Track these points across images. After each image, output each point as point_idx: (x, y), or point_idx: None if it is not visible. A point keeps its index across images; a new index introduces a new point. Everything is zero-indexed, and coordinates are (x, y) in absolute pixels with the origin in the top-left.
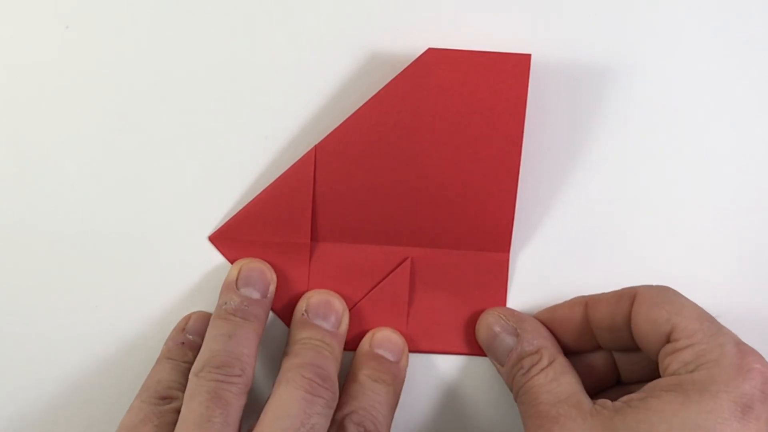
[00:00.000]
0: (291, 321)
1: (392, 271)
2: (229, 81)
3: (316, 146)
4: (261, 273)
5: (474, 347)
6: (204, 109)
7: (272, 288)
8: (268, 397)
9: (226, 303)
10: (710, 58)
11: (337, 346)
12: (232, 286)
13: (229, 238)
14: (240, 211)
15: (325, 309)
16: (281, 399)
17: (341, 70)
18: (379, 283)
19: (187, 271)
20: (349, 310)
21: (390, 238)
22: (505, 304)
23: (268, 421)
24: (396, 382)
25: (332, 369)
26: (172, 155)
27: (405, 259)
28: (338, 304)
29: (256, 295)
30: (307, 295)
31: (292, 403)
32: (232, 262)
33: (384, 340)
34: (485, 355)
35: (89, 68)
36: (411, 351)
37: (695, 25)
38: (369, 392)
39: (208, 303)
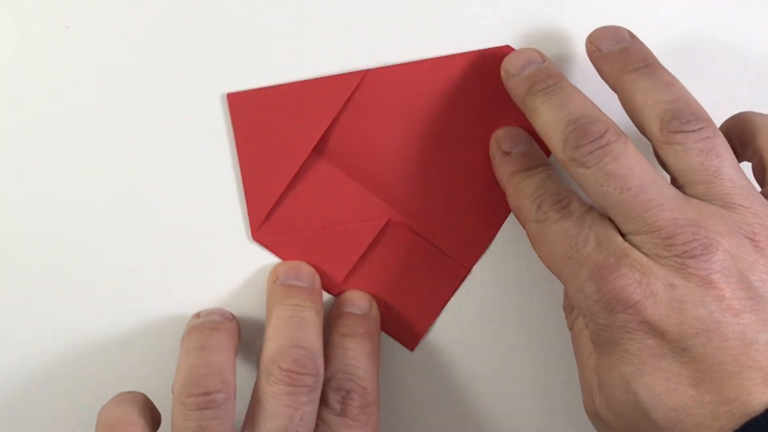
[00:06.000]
0: (267, 296)
1: (364, 220)
2: (229, 81)
3: (367, 71)
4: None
5: (390, 330)
6: (204, 109)
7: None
8: (252, 395)
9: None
10: (710, 57)
11: (318, 300)
12: None
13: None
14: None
15: (296, 271)
16: (263, 398)
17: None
18: (347, 225)
19: (186, 272)
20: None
21: (382, 193)
22: (440, 309)
23: (255, 424)
24: (369, 332)
25: (312, 337)
26: (173, 155)
27: (383, 218)
28: (307, 267)
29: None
30: (274, 267)
31: (275, 401)
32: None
33: (347, 299)
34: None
35: (89, 68)
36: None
37: (694, 24)
38: (342, 350)
39: (206, 303)
